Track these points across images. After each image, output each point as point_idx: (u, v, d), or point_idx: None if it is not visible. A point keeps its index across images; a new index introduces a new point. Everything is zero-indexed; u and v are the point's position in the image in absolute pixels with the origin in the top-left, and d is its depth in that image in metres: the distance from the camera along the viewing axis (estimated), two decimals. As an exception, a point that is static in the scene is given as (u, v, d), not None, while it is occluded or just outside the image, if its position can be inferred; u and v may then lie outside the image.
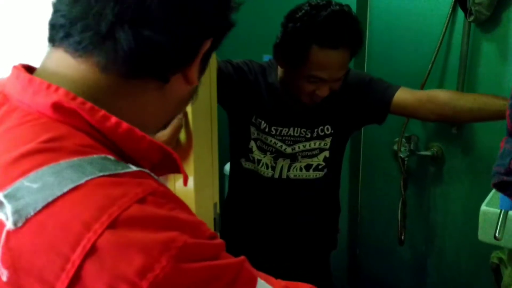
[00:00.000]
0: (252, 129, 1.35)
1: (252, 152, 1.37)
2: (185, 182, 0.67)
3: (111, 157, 0.52)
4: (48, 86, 0.52)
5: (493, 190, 1.68)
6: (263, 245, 1.48)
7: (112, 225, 0.45)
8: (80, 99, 0.52)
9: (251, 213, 1.46)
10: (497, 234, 1.15)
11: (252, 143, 1.36)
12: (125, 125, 0.54)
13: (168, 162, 0.62)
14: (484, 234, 1.56)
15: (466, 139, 1.85)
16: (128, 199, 0.47)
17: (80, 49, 0.53)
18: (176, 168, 0.63)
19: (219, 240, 0.53)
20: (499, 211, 1.56)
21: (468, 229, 1.92)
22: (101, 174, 0.48)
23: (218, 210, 1.00)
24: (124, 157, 0.56)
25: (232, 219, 1.52)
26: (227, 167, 2.30)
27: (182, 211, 0.52)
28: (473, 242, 1.91)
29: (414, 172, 2.00)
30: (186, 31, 0.55)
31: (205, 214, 0.97)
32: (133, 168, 0.53)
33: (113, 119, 0.53)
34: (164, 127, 0.66)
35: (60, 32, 0.54)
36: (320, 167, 1.39)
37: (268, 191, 1.41)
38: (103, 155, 0.52)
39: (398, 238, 1.96)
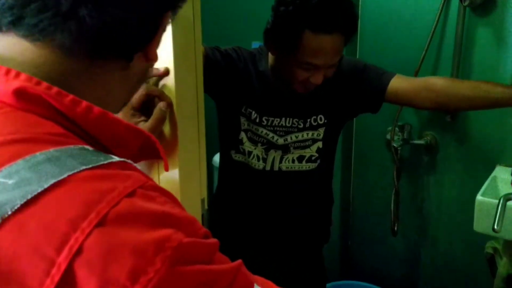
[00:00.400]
0: (242, 119, 1.29)
1: (242, 143, 1.31)
2: (166, 167, 0.62)
3: (88, 147, 0.48)
4: (7, 72, 0.47)
5: (489, 179, 1.64)
6: (255, 238, 1.43)
7: (101, 223, 0.41)
8: (45, 84, 0.47)
9: (242, 206, 1.41)
10: (495, 227, 1.11)
11: (243, 134, 1.30)
12: (97, 109, 0.50)
13: (147, 148, 0.57)
14: (480, 224, 1.53)
15: (460, 128, 1.81)
16: (117, 194, 0.43)
17: (37, 32, 0.48)
18: (156, 154, 0.58)
19: (213, 240, 0.49)
20: (495, 201, 1.53)
21: (462, 219, 1.89)
22: (84, 167, 0.44)
23: (206, 206, 0.94)
24: (98, 147, 0.51)
25: (223, 213, 1.46)
26: (216, 158, 2.24)
27: (175, 206, 0.47)
28: (467, 232, 1.88)
29: (407, 162, 1.96)
30: (148, 6, 0.53)
31: (192, 210, 0.91)
32: (116, 158, 0.48)
33: (84, 103, 0.49)
34: (120, 109, 0.62)
35: (8, 16, 0.48)
36: (313, 158, 1.34)
37: (259, 184, 1.35)
38: (80, 145, 0.47)
39: (391, 229, 1.92)
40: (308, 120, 1.30)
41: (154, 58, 0.59)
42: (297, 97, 1.26)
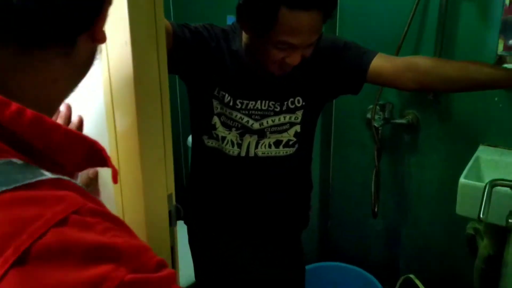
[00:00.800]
0: (215, 103, 1.20)
1: (215, 128, 1.23)
2: (114, 179, 0.53)
3: (17, 160, 0.40)
4: None
5: (472, 160, 1.60)
6: (231, 225, 1.36)
7: (21, 261, 0.33)
8: None
9: (216, 194, 1.34)
10: (481, 215, 1.06)
11: (216, 119, 1.22)
12: (30, 112, 0.42)
13: (93, 155, 0.49)
14: (463, 208, 1.49)
15: (443, 106, 1.76)
16: (43, 223, 0.35)
17: None
18: (103, 162, 0.50)
19: (167, 271, 0.42)
20: (479, 184, 1.48)
21: (443, 199, 1.86)
22: (4, 188, 0.36)
23: (174, 202, 0.87)
24: (34, 154, 0.42)
25: (196, 201, 1.39)
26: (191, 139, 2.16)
27: (120, 233, 0.40)
28: (448, 212, 1.85)
29: (388, 141, 1.91)
30: None
31: (158, 208, 0.83)
32: (48, 175, 0.39)
33: (13, 106, 0.41)
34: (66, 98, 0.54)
35: None
36: (290, 143, 1.26)
37: (234, 170, 1.28)
38: (5, 159, 0.39)
39: (372, 210, 1.87)
40: (285, 103, 1.22)
41: (102, 38, 0.52)
42: (273, 78, 1.18)
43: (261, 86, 1.20)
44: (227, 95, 1.19)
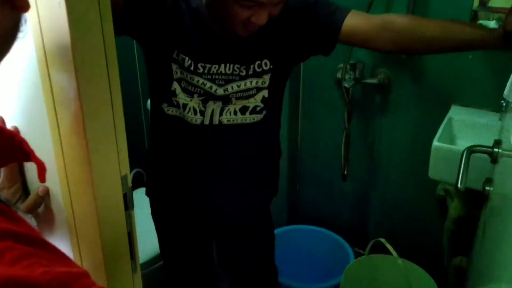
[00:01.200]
0: (174, 67, 1.09)
1: (175, 95, 1.12)
2: (41, 177, 0.44)
3: None
4: None
5: (444, 122, 1.55)
6: (195, 198, 1.28)
7: None
8: None
9: (179, 166, 1.24)
10: (459, 185, 1.00)
11: (175, 85, 1.11)
12: None
13: (13, 148, 0.40)
14: (436, 171, 1.45)
15: (415, 65, 1.69)
16: None
17: None
18: (25, 155, 0.41)
19: None
20: (453, 147, 1.44)
21: (414, 160, 1.82)
22: None
23: (129, 183, 0.77)
24: None
25: (158, 173, 1.30)
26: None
27: (41, 260, 0.31)
28: (418, 174, 1.82)
29: (358, 102, 1.84)
30: None
31: (111, 192, 0.74)
32: None
33: None
34: None
35: None
36: (258, 109, 1.17)
37: (197, 140, 1.18)
38: None
39: (342, 174, 1.82)
40: (252, 66, 1.11)
41: (24, 5, 0.44)
42: (237, 40, 1.07)
43: (225, 48, 1.09)
44: (187, 58, 1.08)
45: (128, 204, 0.78)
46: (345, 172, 1.82)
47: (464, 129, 1.54)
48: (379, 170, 1.91)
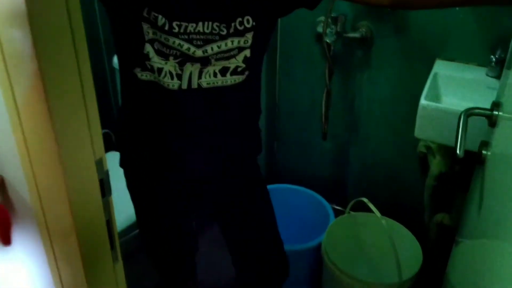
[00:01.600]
0: (145, 27, 0.97)
1: (149, 59, 1.00)
2: None
3: None
4: None
5: (430, 78, 1.48)
6: (179, 168, 1.19)
7: None
8: None
9: (158, 135, 1.14)
10: (458, 151, 0.95)
11: (148, 47, 0.99)
12: None
13: None
14: (422, 130, 1.40)
15: (398, 17, 1.60)
16: None
17: None
18: None
19: None
20: (440, 106, 1.38)
21: (395, 116, 1.77)
22: None
23: (105, 167, 0.67)
24: None
25: (132, 143, 1.19)
26: (117, 59, 1.89)
27: None
28: (399, 131, 1.78)
29: (339, 57, 1.75)
30: None
31: (85, 179, 0.64)
32: None
33: None
34: None
35: None
36: (239, 70, 1.07)
37: (176, 106, 1.07)
38: None
39: (322, 132, 1.76)
40: (232, 24, 1.00)
41: None
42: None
43: (203, 4, 0.98)
44: (160, 16, 0.96)
45: (105, 190, 0.69)
46: (325, 131, 1.75)
47: (450, 85, 1.49)
48: (359, 128, 1.86)
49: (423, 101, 1.34)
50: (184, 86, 1.04)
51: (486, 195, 0.98)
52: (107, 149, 2.07)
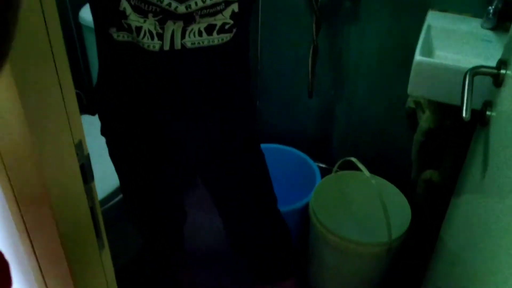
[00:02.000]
0: None
1: (125, 17, 0.89)
2: None
3: None
4: None
5: (423, 33, 1.40)
6: (165, 136, 1.11)
7: None
8: None
9: (139, 101, 1.04)
10: (464, 114, 0.89)
11: (124, 3, 0.88)
12: None
13: None
14: (416, 87, 1.33)
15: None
16: None
17: None
18: None
19: None
20: (436, 61, 1.31)
21: (383, 70, 1.70)
22: None
23: (85, 150, 0.59)
24: None
25: (112, 110, 1.09)
26: (84, 13, 1.74)
27: None
28: (387, 85, 1.72)
29: (325, 10, 1.64)
30: None
31: (64, 165, 0.56)
32: None
33: None
34: None
35: None
36: (227, 27, 0.97)
37: (158, 70, 0.98)
38: None
39: (308, 90, 1.68)
40: None
41: None
42: None
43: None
44: None
45: (87, 175, 0.60)
46: (312, 89, 1.67)
47: (444, 38, 1.41)
48: (346, 82, 1.78)
49: (418, 57, 1.27)
50: (166, 47, 0.94)
51: (491, 157, 0.93)
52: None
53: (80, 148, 0.57)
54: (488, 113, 0.96)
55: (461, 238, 1.10)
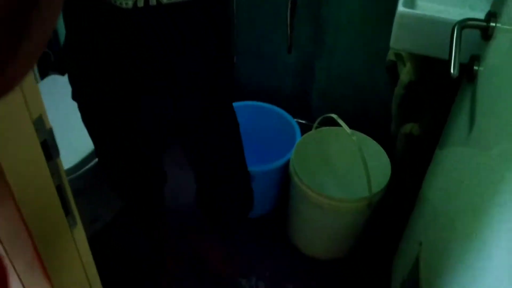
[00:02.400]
0: None
1: None
2: None
3: None
4: None
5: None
6: (140, 103, 1.04)
7: None
8: None
9: (111, 66, 0.96)
10: (452, 70, 0.84)
11: None
12: None
13: None
14: (399, 40, 1.27)
15: None
16: None
17: None
18: None
19: None
20: (419, 13, 1.26)
21: (363, 23, 1.64)
22: None
23: (48, 125, 0.53)
24: None
25: (82, 75, 1.02)
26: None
27: None
28: (369, 38, 1.66)
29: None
30: None
31: (23, 144, 0.50)
32: None
33: None
34: None
35: None
36: None
37: (131, 30, 0.90)
38: None
39: (288, 46, 1.60)
40: None
41: None
42: None
43: None
44: None
45: (51, 151, 0.55)
46: (291, 43, 1.60)
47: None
48: (325, 36, 1.72)
49: (401, 8, 1.21)
50: (140, 3, 0.86)
51: (478, 113, 0.90)
52: (46, 72, 1.86)
53: (40, 123, 0.51)
54: (475, 67, 0.92)
55: (443, 191, 1.09)
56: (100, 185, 1.68)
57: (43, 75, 1.85)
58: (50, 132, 0.54)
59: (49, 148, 0.54)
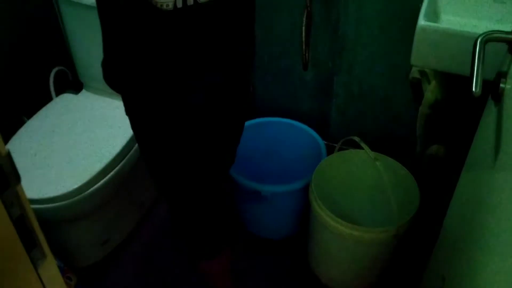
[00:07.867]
0: None
1: None
2: None
3: None
4: None
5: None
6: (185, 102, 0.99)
7: None
8: None
9: (156, 68, 0.92)
10: (474, 88, 0.76)
11: None
12: None
13: None
14: (420, 57, 1.20)
15: None
16: None
17: None
18: None
19: None
20: (442, 26, 1.18)
21: (384, 38, 1.56)
22: None
23: (3, 151, 0.47)
24: None
25: (133, 89, 0.98)
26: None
27: None
28: (389, 54, 1.58)
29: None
30: None
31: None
32: None
33: None
34: None
35: None
36: None
37: (172, 32, 0.87)
38: None
39: (302, 62, 1.54)
40: None
41: None
42: None
43: None
44: None
45: (10, 178, 0.49)
46: (306, 61, 1.53)
47: (451, 4, 1.27)
48: (344, 52, 1.65)
49: (422, 22, 1.13)
50: (179, 4, 0.82)
51: (504, 135, 0.81)
52: (63, 90, 1.84)
53: (-10, 147, 0.46)
54: (502, 85, 0.83)
55: (465, 220, 0.99)
56: (111, 204, 1.64)
57: (59, 92, 1.84)
58: (8, 157, 0.48)
59: (6, 175, 0.48)
